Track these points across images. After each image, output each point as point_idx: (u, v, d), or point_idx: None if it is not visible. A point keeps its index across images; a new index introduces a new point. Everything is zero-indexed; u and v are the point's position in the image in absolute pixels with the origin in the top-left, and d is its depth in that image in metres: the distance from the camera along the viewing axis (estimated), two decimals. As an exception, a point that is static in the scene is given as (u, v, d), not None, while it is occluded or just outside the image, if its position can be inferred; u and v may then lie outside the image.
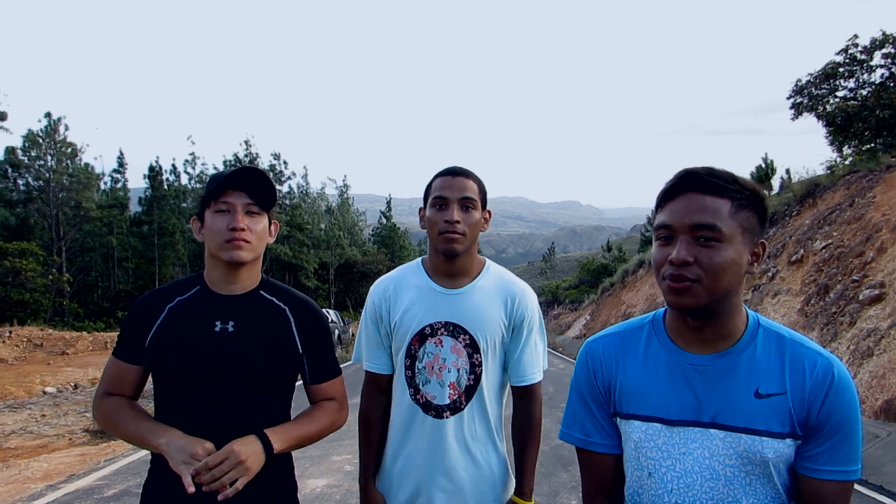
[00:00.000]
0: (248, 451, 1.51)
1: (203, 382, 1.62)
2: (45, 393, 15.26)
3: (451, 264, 1.92)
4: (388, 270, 2.15)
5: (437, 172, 1.95)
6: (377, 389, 2.01)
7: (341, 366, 1.90)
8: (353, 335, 26.56)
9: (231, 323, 1.67)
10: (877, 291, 9.61)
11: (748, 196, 1.21)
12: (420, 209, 2.00)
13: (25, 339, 23.42)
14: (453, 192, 1.87)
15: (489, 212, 2.00)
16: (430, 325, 1.92)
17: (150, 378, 1.75)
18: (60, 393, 15.32)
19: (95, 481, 5.86)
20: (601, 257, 51.61)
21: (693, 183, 1.20)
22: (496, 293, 1.95)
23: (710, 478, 1.23)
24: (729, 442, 1.22)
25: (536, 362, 1.99)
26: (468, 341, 1.91)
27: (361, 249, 59.42)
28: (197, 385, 1.62)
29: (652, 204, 1.34)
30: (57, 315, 36.09)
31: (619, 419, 1.35)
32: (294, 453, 1.78)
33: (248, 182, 1.67)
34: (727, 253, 1.17)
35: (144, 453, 6.81)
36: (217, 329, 1.66)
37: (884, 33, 16.53)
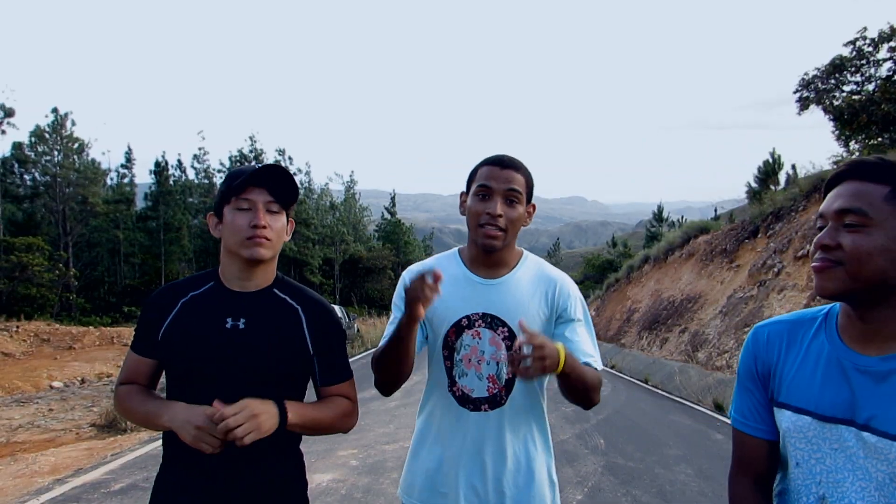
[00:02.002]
0: (263, 409, 1.50)
1: (212, 377, 1.62)
2: (52, 387, 15.37)
3: (488, 256, 1.84)
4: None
5: (484, 159, 1.84)
6: None
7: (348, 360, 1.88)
8: (358, 331, 26.59)
9: (242, 320, 1.67)
10: (883, 287, 9.57)
11: None
12: (461, 195, 1.89)
13: (32, 334, 23.58)
14: (499, 184, 1.77)
15: (533, 206, 1.89)
16: (468, 317, 1.83)
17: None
18: (67, 387, 15.42)
19: (103, 475, 5.90)
20: (606, 253, 51.41)
21: (854, 170, 1.18)
22: (535, 283, 1.87)
23: (861, 477, 1.16)
24: (881, 448, 1.14)
25: (587, 347, 1.82)
26: (507, 333, 1.81)
27: (366, 245, 59.39)
28: (206, 380, 1.63)
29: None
30: (64, 310, 36.30)
31: (775, 406, 1.33)
32: (300, 448, 1.78)
33: (271, 180, 1.66)
34: (875, 238, 1.12)
35: (151, 447, 6.85)
36: (228, 326, 1.66)
37: (891, 27, 16.38)
